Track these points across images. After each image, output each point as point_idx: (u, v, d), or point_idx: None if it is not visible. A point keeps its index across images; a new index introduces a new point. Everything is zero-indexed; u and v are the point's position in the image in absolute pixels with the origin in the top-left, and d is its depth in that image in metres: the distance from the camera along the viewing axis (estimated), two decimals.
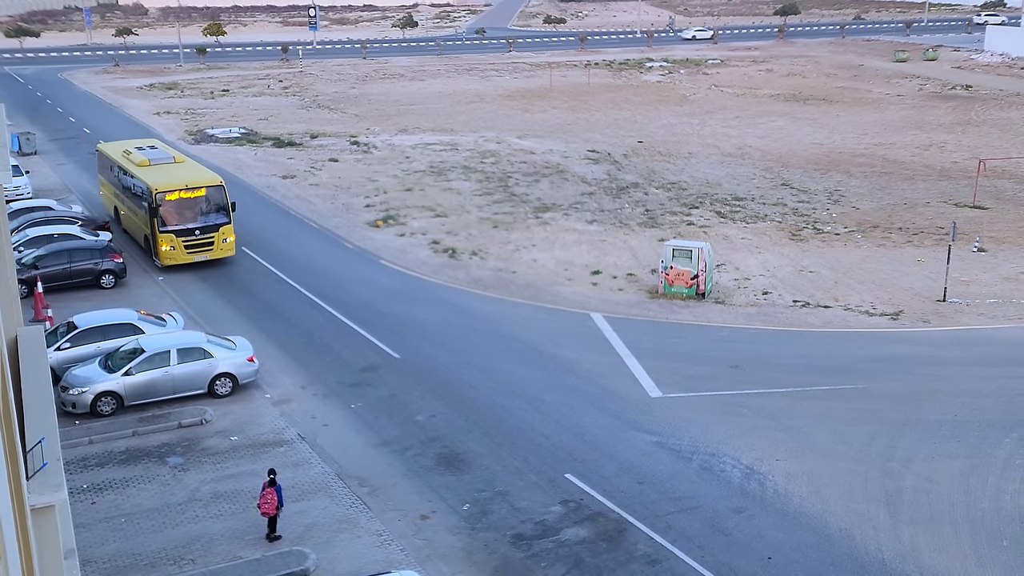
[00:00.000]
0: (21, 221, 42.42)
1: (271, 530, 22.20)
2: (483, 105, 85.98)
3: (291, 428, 27.22)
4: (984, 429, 26.83)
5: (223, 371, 28.94)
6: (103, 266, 38.35)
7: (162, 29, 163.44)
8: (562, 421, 27.45)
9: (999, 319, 35.06)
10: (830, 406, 28.22)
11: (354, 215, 49.56)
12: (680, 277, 36.98)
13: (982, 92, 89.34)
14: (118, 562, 21.23)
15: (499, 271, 40.72)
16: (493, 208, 50.52)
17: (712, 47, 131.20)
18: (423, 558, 21.39)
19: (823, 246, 43.83)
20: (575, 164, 61.06)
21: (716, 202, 51.54)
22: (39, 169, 60.00)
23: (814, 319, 35.18)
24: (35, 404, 13.45)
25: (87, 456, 25.65)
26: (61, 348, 29.67)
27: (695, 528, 22.33)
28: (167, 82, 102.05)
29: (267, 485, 21.77)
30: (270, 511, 21.81)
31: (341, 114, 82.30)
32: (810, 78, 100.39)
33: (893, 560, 21.19)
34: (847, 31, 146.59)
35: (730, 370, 30.82)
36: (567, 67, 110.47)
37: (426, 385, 29.68)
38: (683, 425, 27.14)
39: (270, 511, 21.81)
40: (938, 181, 56.28)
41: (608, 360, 31.60)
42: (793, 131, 72.33)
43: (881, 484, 24.21)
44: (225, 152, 65.50)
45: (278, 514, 22.10)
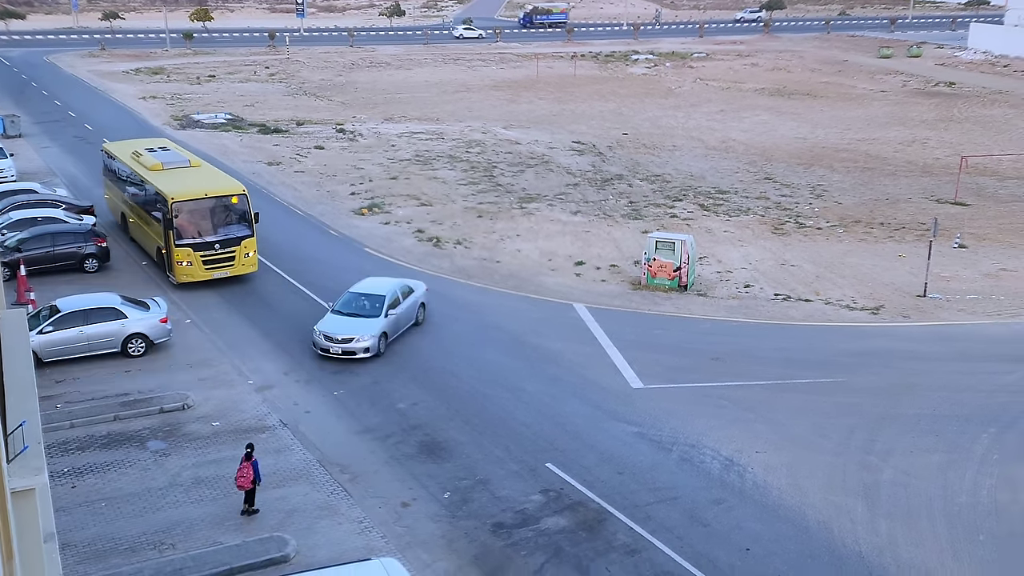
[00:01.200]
0: (4, 204, 42.21)
1: (248, 504, 22.39)
2: (469, 95, 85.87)
3: (273, 414, 27.23)
4: (962, 424, 27.07)
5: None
6: (86, 250, 38.20)
7: (149, 13, 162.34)
8: (543, 411, 27.55)
9: (979, 315, 35.34)
10: (810, 399, 28.41)
11: (339, 203, 49.48)
12: (663, 269, 37.12)
13: (965, 89, 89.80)
14: (98, 546, 21.21)
15: (483, 260, 40.76)
16: (478, 198, 50.54)
17: (697, 41, 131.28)
18: (403, 545, 21.46)
19: (805, 240, 44.05)
20: (560, 155, 61.10)
21: (699, 195, 51.70)
22: (23, 152, 59.62)
23: (795, 312, 35.37)
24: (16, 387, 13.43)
25: (68, 440, 25.59)
26: (43, 331, 29.56)
27: (674, 519, 22.48)
28: (153, 67, 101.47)
29: (244, 459, 21.98)
30: (246, 484, 22.01)
31: (327, 102, 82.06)
32: (795, 73, 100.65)
33: (870, 553, 21.39)
34: (832, 27, 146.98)
35: (711, 362, 30.98)
36: (553, 58, 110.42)
37: (408, 373, 29.74)
38: (664, 416, 27.28)
39: (246, 484, 22.01)
40: (920, 177, 56.60)
41: (590, 350, 31.71)
42: (777, 125, 72.56)
43: (859, 477, 24.41)
44: (210, 138, 65.23)
45: (255, 488, 22.29)
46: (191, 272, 36.05)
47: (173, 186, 36.39)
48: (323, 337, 30.34)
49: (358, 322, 30.64)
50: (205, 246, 36.04)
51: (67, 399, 27.78)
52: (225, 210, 36.48)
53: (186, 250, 35.70)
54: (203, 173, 39.43)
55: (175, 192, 35.74)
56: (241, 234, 36.69)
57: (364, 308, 31.25)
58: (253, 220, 36.93)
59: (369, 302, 31.39)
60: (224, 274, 36.57)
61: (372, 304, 31.33)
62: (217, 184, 37.62)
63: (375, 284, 32.60)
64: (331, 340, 30.22)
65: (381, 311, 31.04)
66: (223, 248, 36.34)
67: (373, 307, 31.23)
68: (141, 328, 30.72)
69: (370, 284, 32.62)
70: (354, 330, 30.34)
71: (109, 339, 30.42)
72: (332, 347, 30.16)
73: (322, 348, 30.39)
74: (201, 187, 36.74)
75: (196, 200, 35.88)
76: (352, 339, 30.13)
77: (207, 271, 36.21)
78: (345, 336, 30.19)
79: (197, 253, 35.87)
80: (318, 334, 30.48)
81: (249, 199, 36.94)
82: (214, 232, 36.22)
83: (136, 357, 30.67)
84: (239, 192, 36.78)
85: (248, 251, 36.93)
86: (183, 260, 35.78)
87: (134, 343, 30.67)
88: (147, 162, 39.44)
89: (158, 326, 31.03)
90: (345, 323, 30.65)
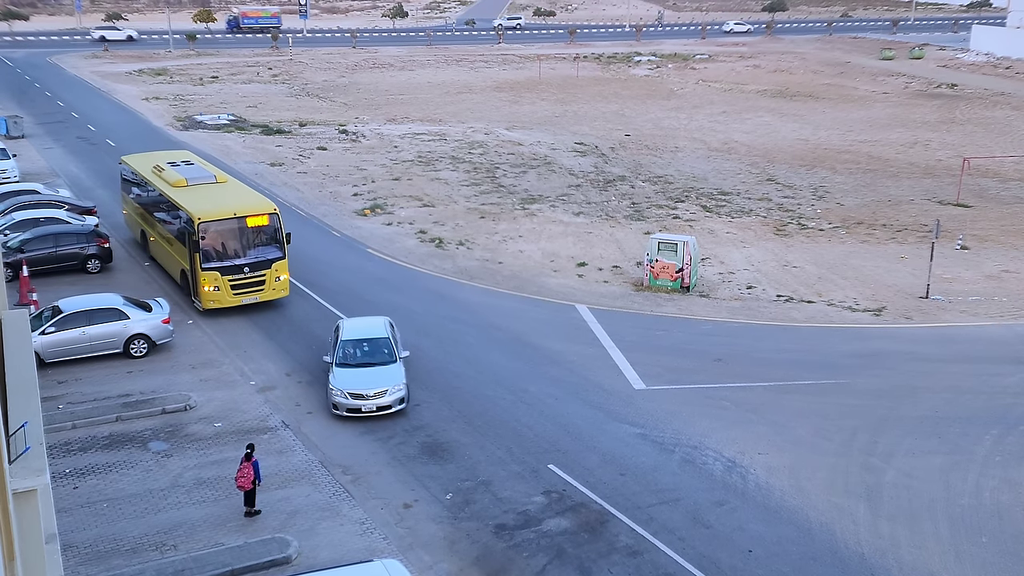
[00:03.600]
0: (7, 204, 42.29)
1: (250, 505, 22.43)
2: (472, 96, 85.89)
3: (275, 415, 27.23)
4: (964, 426, 27.04)
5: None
6: (89, 251, 38.24)
7: (152, 15, 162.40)
8: (546, 412, 27.54)
9: (981, 316, 35.30)
10: (812, 401, 28.39)
11: (342, 203, 49.50)
12: (665, 270, 37.11)
13: (967, 91, 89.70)
14: (99, 547, 21.22)
15: (485, 261, 40.76)
16: (480, 199, 50.54)
17: (700, 42, 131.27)
18: (405, 547, 21.45)
19: (807, 241, 44.02)
20: (562, 156, 61.10)
21: (702, 196, 51.67)
22: (26, 153, 59.69)
23: (797, 314, 35.35)
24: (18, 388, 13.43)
25: (70, 441, 25.61)
26: (46, 332, 29.59)
27: (676, 520, 22.46)
28: (156, 68, 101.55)
29: (244, 460, 22.00)
30: (246, 485, 22.04)
31: (330, 103, 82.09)
32: (797, 75, 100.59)
33: (873, 555, 21.36)
34: (834, 28, 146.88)
35: (713, 363, 30.96)
36: (556, 60, 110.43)
37: (410, 374, 29.69)
38: (666, 418, 27.26)
39: (246, 485, 22.04)
40: (922, 179, 56.55)
41: (592, 352, 31.70)
42: (779, 127, 72.52)
43: (862, 479, 24.39)
44: (213, 138, 65.29)
45: (255, 488, 22.31)
46: (218, 298, 33.48)
47: (199, 204, 33.96)
48: (348, 396, 26.65)
49: (378, 372, 27.36)
50: (233, 269, 33.49)
51: (69, 400, 27.80)
52: (255, 230, 33.89)
53: (213, 274, 33.16)
54: (230, 190, 36.93)
55: (201, 211, 33.28)
56: (272, 256, 34.12)
57: (374, 355, 28.04)
58: (285, 241, 34.33)
59: (373, 347, 28.24)
60: (254, 299, 34.10)
61: (380, 349, 28.24)
62: (246, 202, 35.09)
63: (367, 327, 29.20)
64: (361, 397, 26.60)
65: (395, 355, 28.16)
66: (252, 272, 33.81)
67: (383, 352, 28.16)
68: (143, 329, 30.75)
69: (361, 328, 29.15)
70: (380, 381, 26.96)
71: (111, 340, 30.45)
72: (365, 405, 26.57)
73: (350, 409, 26.68)
74: (229, 205, 34.19)
75: (224, 220, 33.36)
76: (384, 391, 26.75)
77: (235, 297, 33.69)
78: (376, 390, 26.71)
79: (225, 277, 33.33)
80: (340, 394, 26.74)
81: (280, 218, 34.40)
82: (243, 254, 33.70)
83: (138, 358, 30.69)
84: (270, 211, 34.20)
85: (279, 274, 34.33)
86: (210, 285, 33.23)
87: (136, 344, 30.70)
88: (170, 178, 37.10)
89: (160, 327, 31.05)
90: (364, 376, 27.18)
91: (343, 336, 28.68)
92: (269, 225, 34.03)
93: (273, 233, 34.15)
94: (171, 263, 36.66)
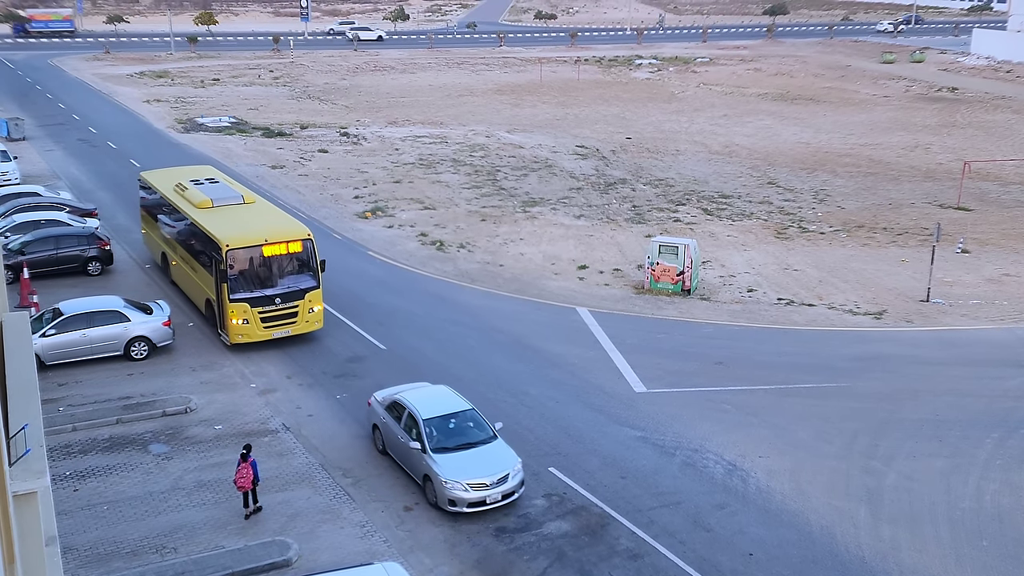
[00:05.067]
0: (8, 207, 42.26)
1: (254, 501, 22.53)
2: (473, 99, 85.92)
3: (276, 418, 27.22)
4: (965, 429, 27.03)
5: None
6: (90, 253, 38.24)
7: (153, 17, 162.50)
8: (546, 415, 27.53)
9: (981, 320, 35.29)
10: (813, 404, 28.38)
11: (343, 206, 49.51)
12: (666, 273, 37.10)
13: (968, 95, 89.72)
14: (100, 550, 21.21)
15: (486, 264, 40.76)
16: (481, 201, 50.55)
17: (700, 45, 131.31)
18: (406, 549, 21.44)
19: (808, 245, 44.02)
20: (563, 159, 61.12)
21: (703, 199, 51.68)
22: (27, 155, 59.72)
23: (798, 317, 35.34)
24: (19, 390, 13.42)
25: (70, 443, 25.60)
26: (46, 334, 29.60)
27: (677, 523, 22.45)
28: (157, 70, 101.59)
29: (241, 460, 22.05)
30: (247, 485, 22.07)
31: (331, 105, 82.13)
32: (798, 78, 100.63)
33: (873, 558, 21.34)
34: (835, 32, 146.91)
35: (714, 366, 30.95)
36: (557, 63, 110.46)
37: (411, 377, 29.65)
38: (667, 421, 27.25)
39: (247, 485, 22.07)
40: (923, 182, 56.55)
41: (593, 354, 31.70)
42: (780, 130, 72.53)
43: (862, 482, 24.38)
44: (214, 141, 65.32)
45: (255, 488, 22.36)
46: (247, 332, 30.84)
47: (226, 229, 31.30)
48: (468, 488, 22.45)
49: (487, 454, 23.36)
50: (264, 301, 30.82)
51: (69, 402, 27.80)
52: (287, 258, 31.24)
53: (242, 306, 30.54)
54: (259, 212, 34.09)
55: (230, 237, 30.64)
56: (305, 285, 31.42)
57: (468, 433, 23.88)
58: (319, 268, 31.71)
59: (460, 423, 24.03)
60: (285, 333, 31.38)
61: (471, 424, 24.09)
62: (278, 227, 32.30)
63: (438, 399, 24.73)
64: (484, 487, 22.49)
65: (489, 428, 24.04)
66: (284, 303, 31.11)
67: (477, 428, 24.06)
68: (144, 331, 30.75)
69: (434, 401, 24.60)
70: (496, 464, 23.02)
71: (112, 342, 30.45)
72: (490, 495, 22.52)
73: (473, 503, 22.49)
74: (259, 231, 31.43)
75: (254, 247, 30.72)
76: (506, 476, 22.84)
77: (266, 330, 31.05)
78: (497, 475, 22.74)
79: (255, 309, 30.71)
80: (458, 487, 22.40)
81: (315, 243, 31.75)
82: (274, 284, 31.08)
83: (139, 360, 30.68)
84: (303, 236, 31.52)
85: (313, 305, 31.59)
86: (238, 317, 30.59)
87: (137, 346, 30.69)
88: (194, 198, 34.39)
89: (161, 329, 31.05)
90: (475, 461, 23.05)
91: (421, 414, 23.88)
92: (303, 251, 31.41)
93: (307, 260, 31.51)
94: (195, 291, 34.15)
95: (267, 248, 30.88)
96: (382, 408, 25.32)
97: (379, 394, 26.05)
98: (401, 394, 25.16)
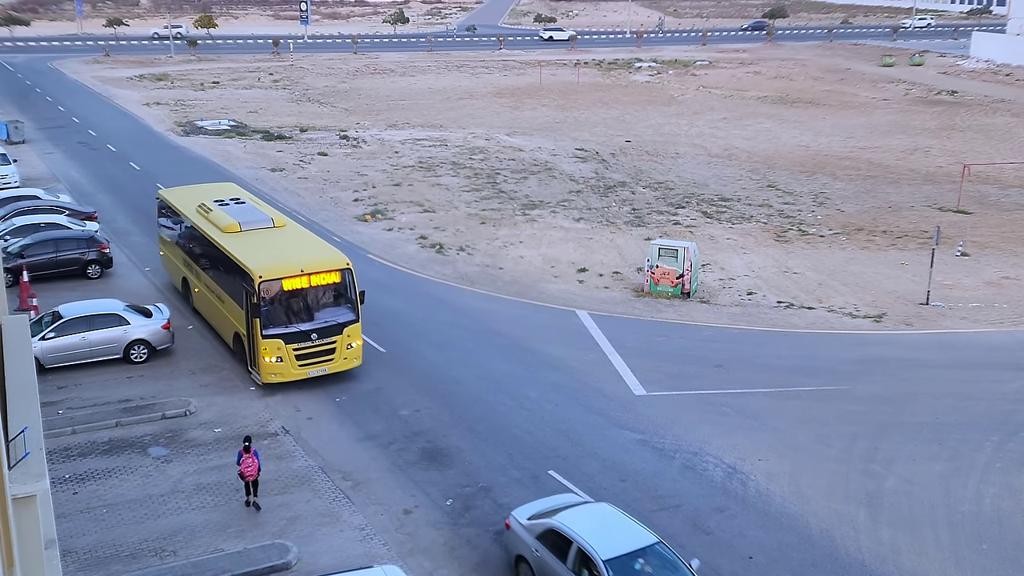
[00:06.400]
0: (8, 210, 42.30)
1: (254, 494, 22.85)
2: (473, 102, 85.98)
3: (275, 421, 27.21)
4: (965, 432, 27.01)
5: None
6: (89, 256, 38.26)
7: (153, 20, 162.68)
8: (546, 417, 27.52)
9: (981, 323, 35.28)
10: (813, 407, 28.37)
11: (342, 209, 49.53)
12: (666, 276, 37.11)
13: (967, 98, 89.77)
14: (99, 553, 21.19)
15: (486, 267, 40.77)
16: (481, 204, 50.57)
17: (700, 48, 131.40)
18: (405, 552, 21.42)
19: (808, 248, 44.03)
20: (563, 162, 61.14)
21: (702, 202, 51.69)
22: (27, 158, 59.76)
23: (798, 320, 35.34)
24: (18, 393, 13.42)
25: (70, 446, 25.59)
26: (46, 338, 29.59)
27: (677, 526, 22.42)
28: (157, 73, 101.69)
29: (244, 451, 22.35)
30: (254, 473, 22.38)
31: (331, 108, 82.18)
32: (797, 81, 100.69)
33: (873, 561, 21.33)
34: (834, 35, 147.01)
35: (714, 369, 30.94)
36: (557, 66, 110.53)
37: (411, 379, 29.70)
38: (666, 424, 27.24)
39: (254, 473, 22.38)
40: (922, 185, 56.57)
41: (593, 357, 31.69)
42: (780, 133, 72.57)
43: (862, 485, 24.36)
44: (214, 144, 65.35)
45: (258, 479, 22.70)
46: (281, 370, 28.37)
47: (258, 258, 28.85)
48: None
49: None
50: (299, 336, 28.34)
51: (69, 405, 27.78)
52: (324, 289, 28.87)
53: (275, 342, 28.05)
54: (292, 237, 31.60)
55: (263, 267, 28.17)
56: (343, 319, 28.96)
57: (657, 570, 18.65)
58: (358, 301, 29.26)
59: (648, 562, 18.66)
60: (322, 371, 28.91)
61: (660, 565, 18.74)
62: (314, 255, 29.64)
63: (616, 527, 19.39)
64: None
65: (687, 570, 18.73)
66: (321, 338, 28.65)
67: (669, 570, 18.71)
68: (143, 334, 30.75)
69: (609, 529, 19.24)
70: None
71: (111, 345, 30.44)
72: None
73: None
74: (294, 260, 28.86)
75: (290, 278, 28.22)
76: None
77: (301, 368, 28.61)
78: None
79: (289, 346, 28.24)
80: None
81: (354, 273, 29.31)
82: (310, 318, 28.62)
83: (138, 363, 30.68)
84: (342, 266, 29.00)
85: (352, 341, 29.14)
86: (272, 355, 28.15)
87: (136, 349, 30.69)
88: (219, 221, 31.91)
89: (160, 332, 31.05)
90: None
91: (599, 553, 18.34)
92: (341, 282, 28.99)
93: (345, 291, 29.08)
94: (222, 323, 31.65)
95: (303, 279, 28.37)
96: (532, 536, 19.85)
97: (522, 513, 20.78)
98: (559, 519, 19.57)
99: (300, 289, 28.37)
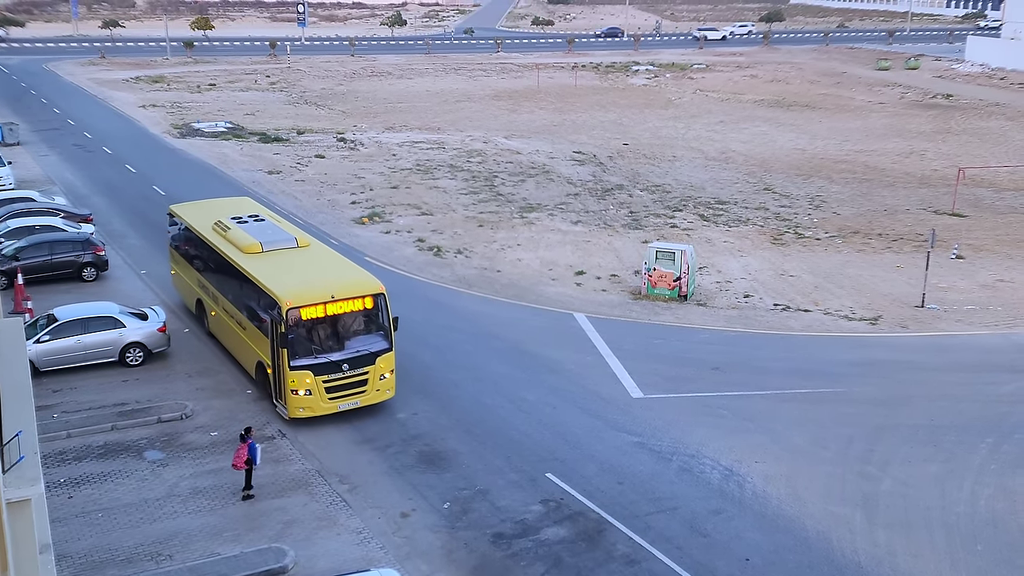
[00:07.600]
0: (2, 212, 42.24)
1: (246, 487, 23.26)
2: (470, 105, 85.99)
3: (272, 424, 27.16)
4: (960, 434, 27.05)
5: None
6: (85, 259, 38.20)
7: (149, 22, 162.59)
8: (544, 420, 27.52)
9: (976, 325, 35.33)
10: (809, 409, 28.39)
11: (340, 212, 49.51)
12: (663, 279, 37.13)
13: (962, 101, 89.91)
14: (94, 557, 21.14)
15: (483, 270, 40.77)
16: (479, 207, 50.57)
17: (697, 52, 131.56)
18: (402, 556, 21.40)
19: (804, 251, 44.07)
20: (561, 165, 61.16)
21: (699, 205, 51.74)
22: (22, 160, 59.67)
23: (794, 323, 35.37)
24: (13, 397, 13.41)
25: (65, 450, 25.53)
26: (41, 340, 29.53)
27: (674, 529, 22.43)
28: (153, 75, 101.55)
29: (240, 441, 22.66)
30: (240, 464, 22.78)
31: (328, 111, 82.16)
32: (794, 84, 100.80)
33: (869, 563, 21.34)
34: (831, 39, 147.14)
35: (711, 372, 30.96)
36: (554, 69, 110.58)
37: (408, 383, 29.66)
38: (664, 426, 27.25)
39: (240, 464, 22.78)
40: (918, 188, 56.65)
41: (590, 360, 31.70)
42: (776, 136, 72.64)
43: (858, 487, 24.38)
44: (211, 146, 65.29)
45: (251, 470, 22.84)
46: (310, 404, 26.35)
47: (284, 283, 26.79)
48: None
49: None
50: (329, 367, 26.33)
51: (64, 408, 27.73)
52: (356, 316, 26.96)
53: (304, 374, 26.05)
54: (317, 258, 29.59)
55: (290, 294, 26.14)
56: (376, 348, 27.00)
57: None
58: (391, 328, 27.29)
59: None
60: (353, 404, 26.90)
61: None
62: (344, 279, 27.67)
63: None
64: None
65: None
66: (353, 369, 26.62)
67: None
68: (139, 337, 30.70)
69: None
70: None
71: (107, 348, 30.38)
72: None
73: None
74: (323, 285, 26.92)
75: (319, 305, 26.25)
76: None
77: (331, 402, 26.61)
78: None
79: (319, 377, 26.23)
80: None
81: (387, 298, 27.30)
82: (341, 347, 26.67)
83: (134, 366, 30.62)
84: (375, 291, 27.00)
85: (384, 372, 27.16)
86: (300, 387, 26.15)
87: (132, 352, 30.63)
88: (239, 240, 29.85)
89: (156, 335, 31.00)
90: None
91: None
92: (374, 308, 27.06)
93: (378, 318, 27.21)
94: (243, 351, 29.44)
95: (334, 306, 26.39)
96: None
97: None
98: None
99: (330, 316, 26.43)
